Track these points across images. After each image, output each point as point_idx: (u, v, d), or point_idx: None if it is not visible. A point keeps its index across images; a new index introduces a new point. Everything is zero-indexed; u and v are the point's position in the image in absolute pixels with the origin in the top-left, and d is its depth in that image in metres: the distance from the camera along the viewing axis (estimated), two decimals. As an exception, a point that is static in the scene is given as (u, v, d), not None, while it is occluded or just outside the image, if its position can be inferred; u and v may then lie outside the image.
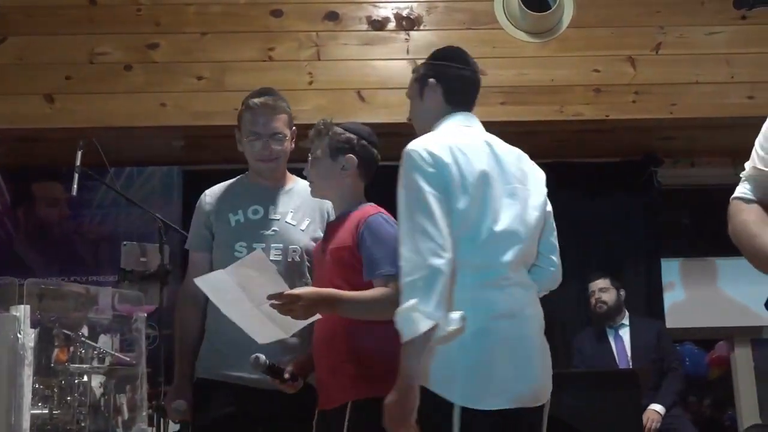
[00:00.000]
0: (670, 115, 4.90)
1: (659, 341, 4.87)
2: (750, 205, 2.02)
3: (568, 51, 4.95)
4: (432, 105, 2.46)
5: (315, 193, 2.70)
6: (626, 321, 4.93)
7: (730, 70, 4.93)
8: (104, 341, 4.45)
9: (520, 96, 4.81)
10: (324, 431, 2.47)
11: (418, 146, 2.24)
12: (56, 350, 4.22)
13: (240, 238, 2.75)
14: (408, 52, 4.95)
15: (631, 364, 4.75)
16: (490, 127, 2.55)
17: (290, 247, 2.76)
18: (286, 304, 2.33)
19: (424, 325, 2.03)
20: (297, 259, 2.76)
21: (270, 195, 2.84)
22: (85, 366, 4.15)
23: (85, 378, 4.09)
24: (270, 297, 2.33)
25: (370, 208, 2.57)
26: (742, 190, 2.05)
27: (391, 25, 5.00)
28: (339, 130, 2.63)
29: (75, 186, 3.83)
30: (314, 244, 2.77)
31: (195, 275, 2.71)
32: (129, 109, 4.79)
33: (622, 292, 4.98)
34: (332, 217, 2.83)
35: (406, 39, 4.98)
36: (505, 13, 4.98)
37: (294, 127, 2.91)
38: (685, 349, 7.17)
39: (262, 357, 2.46)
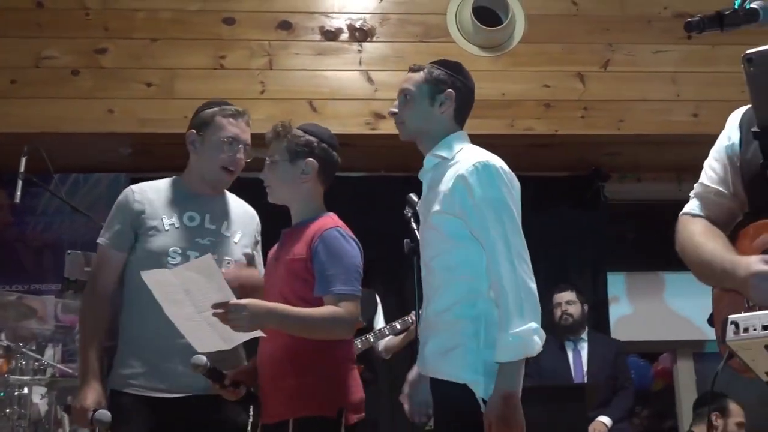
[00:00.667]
0: (618, 131, 4.98)
1: (616, 359, 4.91)
2: (696, 218, 2.05)
3: (519, 66, 5.01)
4: (442, 115, 2.45)
5: (272, 197, 2.61)
6: (585, 336, 4.96)
7: (676, 88, 5.04)
8: (49, 354, 4.37)
9: (472, 109, 4.82)
10: None
11: (494, 161, 2.33)
12: (-1, 361, 4.13)
13: (174, 243, 2.64)
14: (360, 63, 4.96)
15: (585, 378, 4.79)
16: (441, 140, 2.56)
17: (225, 258, 2.68)
18: (230, 313, 2.25)
19: (539, 347, 2.19)
20: None
21: (207, 203, 2.75)
22: (25, 378, 4.08)
23: (26, 390, 4.02)
24: (215, 306, 2.27)
25: (327, 220, 2.51)
26: (691, 206, 2.10)
27: (344, 35, 5.00)
28: (298, 132, 2.56)
29: (18, 193, 3.75)
30: (244, 259, 2.72)
31: (109, 274, 2.66)
32: (76, 114, 4.71)
33: (586, 307, 5.00)
34: (259, 240, 2.82)
35: (359, 50, 4.98)
36: (457, 27, 5.01)
37: None
38: (630, 361, 7.26)
39: (204, 358, 2.39)
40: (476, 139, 4.78)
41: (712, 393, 4.23)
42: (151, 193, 2.74)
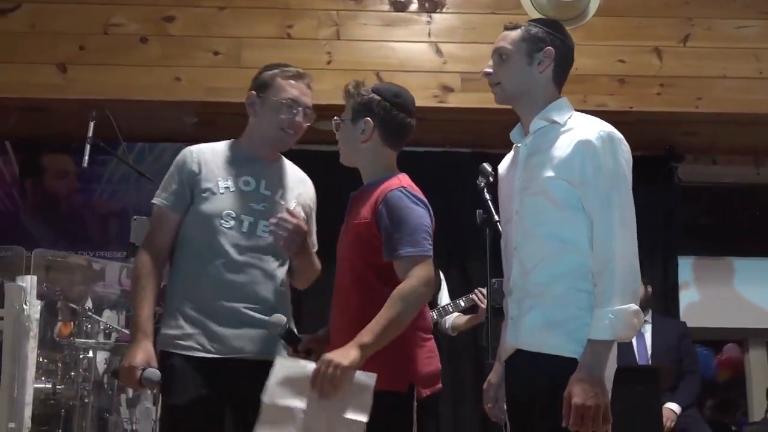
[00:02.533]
0: (696, 109, 4.80)
1: (680, 342, 4.77)
2: None
3: (593, 39, 4.84)
4: (541, 75, 2.31)
5: (342, 159, 2.52)
6: (649, 318, 4.81)
7: (758, 65, 4.83)
8: (109, 317, 4.40)
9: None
10: None
11: (617, 132, 2.21)
12: (59, 324, 4.17)
13: (228, 206, 2.59)
14: (429, 34, 4.85)
15: (650, 362, 4.65)
16: (510, 114, 2.45)
17: None
18: (326, 377, 2.15)
19: (634, 332, 2.12)
20: None
21: (264, 169, 2.69)
22: (90, 341, 4.10)
23: (90, 353, 4.05)
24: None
25: (393, 181, 2.38)
26: None
27: (414, 6, 4.89)
28: (364, 91, 2.44)
29: (86, 158, 3.76)
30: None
31: (164, 234, 2.62)
32: (143, 82, 4.70)
33: (650, 289, 4.84)
34: (314, 208, 2.74)
35: (428, 21, 4.88)
36: (530, -2, 4.88)
37: None
38: (694, 350, 7.09)
39: (284, 318, 2.35)
40: (547, 115, 4.72)
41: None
42: (209, 155, 2.68)
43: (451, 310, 4.29)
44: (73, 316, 4.05)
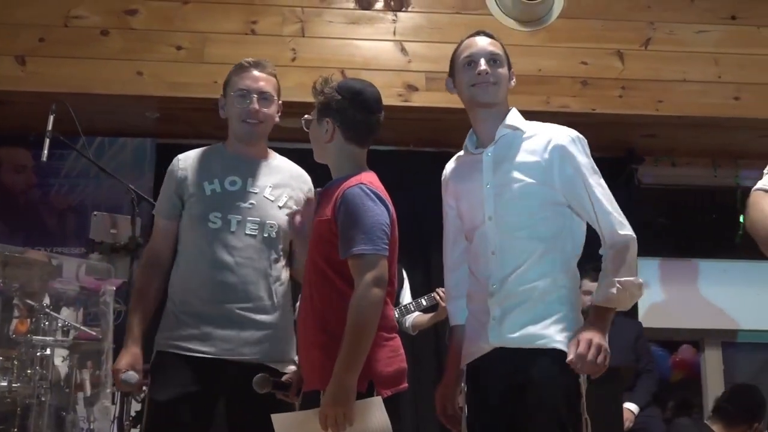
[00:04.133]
0: (656, 112, 4.86)
1: (636, 342, 4.82)
2: None
3: (556, 42, 4.89)
4: (509, 89, 2.52)
5: (315, 157, 2.54)
6: None
7: (717, 69, 4.90)
8: (67, 314, 4.32)
9: (507, 84, 4.72)
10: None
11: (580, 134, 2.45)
12: (15, 321, 4.09)
13: (215, 208, 2.64)
14: (395, 33, 4.86)
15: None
16: (474, 115, 2.50)
17: (267, 222, 2.66)
18: (328, 420, 2.19)
19: (632, 303, 2.36)
20: (273, 235, 2.67)
21: (249, 167, 2.73)
22: (48, 339, 4.02)
23: (48, 351, 3.97)
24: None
25: (354, 179, 2.37)
26: (765, 182, 2.02)
27: (379, 4, 4.89)
28: (328, 89, 2.43)
29: (45, 151, 3.68)
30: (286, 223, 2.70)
31: (160, 242, 2.72)
32: (104, 75, 4.64)
33: None
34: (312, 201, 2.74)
35: (394, 20, 4.88)
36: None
37: (280, 101, 2.80)
38: (649, 350, 7.17)
39: (265, 375, 2.42)
40: (510, 115, 4.74)
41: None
42: (195, 160, 2.76)
43: (412, 309, 4.29)
44: (31, 312, 3.97)
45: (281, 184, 2.73)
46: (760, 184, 2.05)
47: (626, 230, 2.31)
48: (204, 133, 3.55)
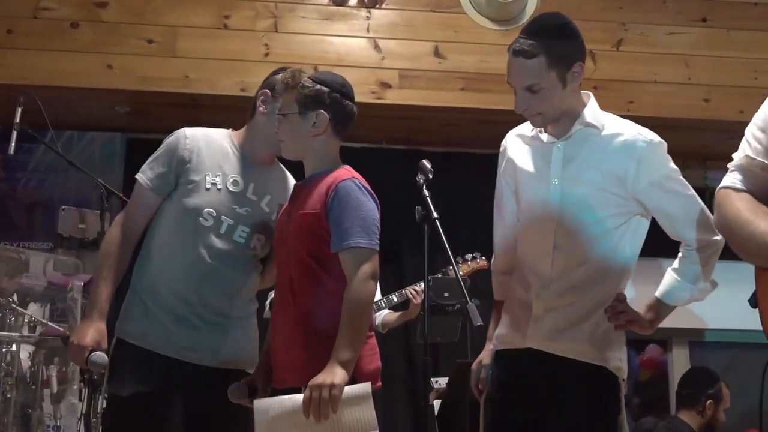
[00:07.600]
0: (627, 112, 4.84)
1: None
2: (741, 193, 1.96)
3: (530, 41, 4.88)
4: (575, 91, 2.39)
5: (286, 153, 2.48)
6: None
7: (688, 71, 4.95)
8: (34, 310, 4.27)
9: (480, 83, 4.72)
10: None
11: (657, 137, 2.46)
12: (-19, 317, 4.03)
13: (211, 204, 2.51)
14: (368, 30, 4.84)
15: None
16: (447, 113, 2.48)
17: (257, 234, 2.57)
18: (321, 402, 2.12)
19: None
20: (258, 248, 2.59)
21: (255, 172, 2.61)
22: (14, 335, 3.97)
23: (14, 347, 3.92)
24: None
25: (342, 172, 2.36)
26: (731, 179, 2.01)
27: (353, 1, 4.87)
28: (308, 82, 2.39)
29: (13, 144, 3.63)
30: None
31: (142, 215, 2.56)
32: (73, 68, 4.57)
33: None
34: None
35: (367, 17, 4.86)
36: (469, -3, 4.90)
37: None
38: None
39: (239, 383, 2.37)
40: (484, 114, 4.75)
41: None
42: (203, 143, 2.58)
43: (383, 305, 4.28)
44: (-4, 308, 3.92)
45: (280, 197, 2.62)
46: (726, 182, 2.01)
47: (715, 240, 2.32)
48: (174, 128, 3.51)
